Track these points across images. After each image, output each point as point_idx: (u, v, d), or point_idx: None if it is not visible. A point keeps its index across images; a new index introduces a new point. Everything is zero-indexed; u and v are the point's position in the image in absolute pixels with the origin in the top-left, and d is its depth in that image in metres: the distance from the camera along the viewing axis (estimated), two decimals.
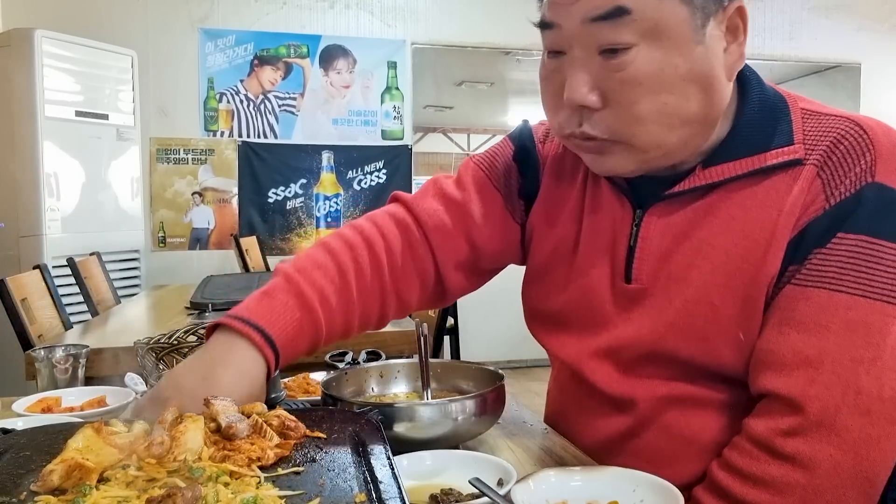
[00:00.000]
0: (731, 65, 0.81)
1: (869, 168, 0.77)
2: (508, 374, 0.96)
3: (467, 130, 5.55)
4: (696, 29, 0.77)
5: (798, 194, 0.79)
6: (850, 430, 0.75)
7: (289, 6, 4.71)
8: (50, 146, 3.58)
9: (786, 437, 0.77)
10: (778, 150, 0.82)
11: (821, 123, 0.82)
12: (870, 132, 0.79)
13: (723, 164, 0.83)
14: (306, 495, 0.58)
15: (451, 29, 4.88)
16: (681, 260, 0.85)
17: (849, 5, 5.39)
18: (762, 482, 0.77)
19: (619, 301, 0.91)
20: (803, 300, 0.78)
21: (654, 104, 0.78)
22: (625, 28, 0.75)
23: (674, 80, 0.77)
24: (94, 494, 0.57)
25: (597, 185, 0.96)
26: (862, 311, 0.76)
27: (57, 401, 1.06)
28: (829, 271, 0.77)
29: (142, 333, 1.23)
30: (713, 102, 0.80)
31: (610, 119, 0.80)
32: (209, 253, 4.68)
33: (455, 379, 0.99)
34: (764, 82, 0.87)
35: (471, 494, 0.67)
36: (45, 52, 3.56)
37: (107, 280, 2.93)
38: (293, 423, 0.70)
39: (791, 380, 0.77)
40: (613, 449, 0.92)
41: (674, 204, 0.87)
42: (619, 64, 0.77)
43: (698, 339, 0.84)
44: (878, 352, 0.76)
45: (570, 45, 0.79)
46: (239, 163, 4.67)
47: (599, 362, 0.92)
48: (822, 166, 0.79)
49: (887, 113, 5.52)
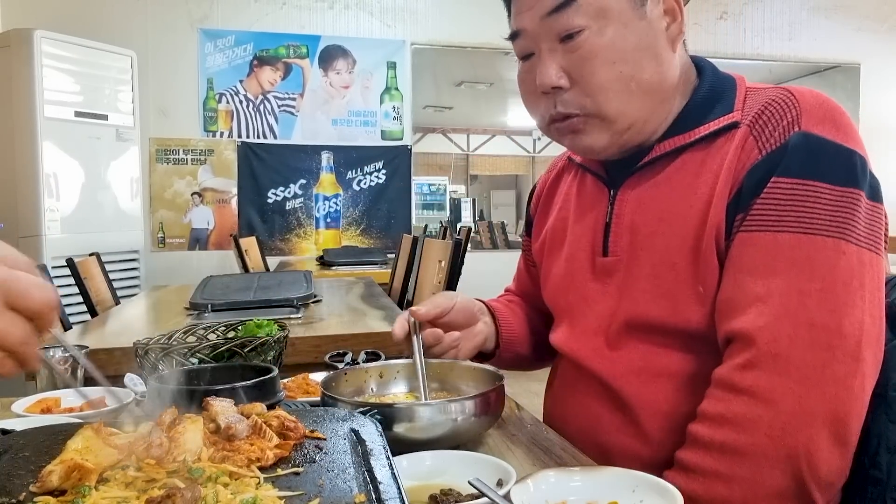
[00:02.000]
0: (673, 38, 0.93)
1: (795, 120, 0.84)
2: (508, 375, 0.96)
3: (467, 131, 5.55)
4: (636, 7, 0.90)
5: (734, 151, 0.88)
6: (810, 366, 0.77)
7: (288, 6, 4.71)
8: (49, 146, 3.58)
9: (742, 371, 0.80)
10: (719, 119, 0.91)
11: (758, 94, 0.91)
12: (796, 93, 0.87)
13: (675, 136, 0.94)
14: (306, 496, 0.58)
15: (451, 29, 4.89)
16: (647, 230, 0.94)
17: (848, 6, 5.39)
18: (726, 420, 0.80)
19: (598, 275, 0.99)
20: (751, 245, 0.84)
21: (611, 73, 0.90)
22: (575, 14, 0.89)
23: (625, 50, 0.89)
24: (93, 495, 0.57)
25: (583, 180, 1.08)
26: (805, 247, 0.80)
27: (56, 401, 1.05)
28: (770, 215, 0.83)
29: (141, 334, 1.23)
30: (663, 70, 0.92)
31: (578, 95, 0.92)
32: (209, 253, 4.68)
33: (455, 379, 0.99)
34: (718, 70, 0.98)
35: (470, 495, 0.67)
36: (45, 52, 3.56)
37: (106, 280, 2.92)
38: (293, 423, 0.70)
39: (745, 317, 0.82)
40: (602, 428, 0.96)
41: (640, 179, 0.97)
42: (576, 45, 0.90)
43: (665, 298, 0.90)
44: (826, 284, 0.79)
45: (536, 43, 0.93)
46: (238, 163, 4.68)
47: (587, 340, 0.99)
48: (754, 125, 0.87)
49: (887, 113, 5.53)
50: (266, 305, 2.05)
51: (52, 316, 0.59)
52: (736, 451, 0.79)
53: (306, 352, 1.61)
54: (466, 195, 5.67)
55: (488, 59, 5.03)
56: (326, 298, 2.34)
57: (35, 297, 0.57)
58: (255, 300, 2.08)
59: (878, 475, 0.82)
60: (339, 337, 1.67)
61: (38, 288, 0.58)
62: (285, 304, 2.05)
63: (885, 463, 0.83)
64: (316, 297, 2.26)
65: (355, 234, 4.93)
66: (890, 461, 0.83)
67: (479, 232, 5.46)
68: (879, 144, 4.33)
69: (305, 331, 1.74)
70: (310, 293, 2.20)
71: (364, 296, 2.50)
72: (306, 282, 2.33)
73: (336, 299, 2.39)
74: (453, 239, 2.87)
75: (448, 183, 5.48)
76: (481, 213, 5.80)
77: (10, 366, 0.57)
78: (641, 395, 0.92)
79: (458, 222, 5.43)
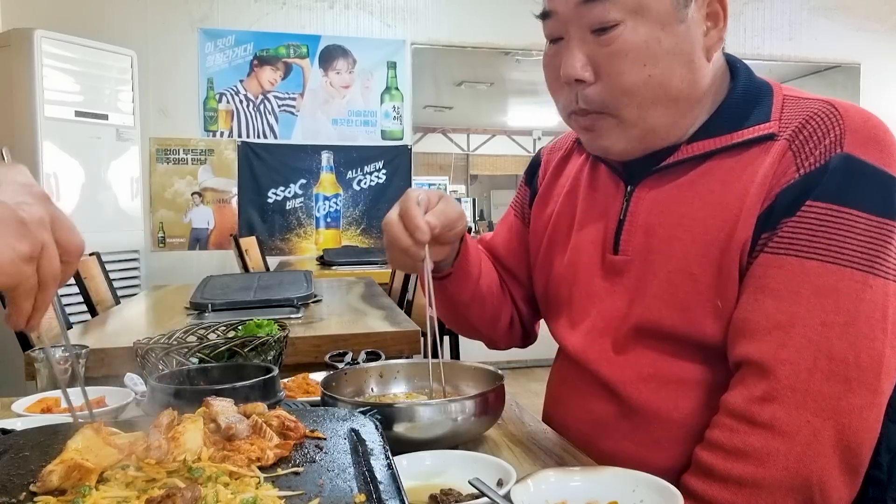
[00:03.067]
0: (710, 47, 0.88)
1: (838, 140, 0.80)
2: (508, 374, 0.96)
3: (467, 130, 5.56)
4: (679, 8, 0.85)
5: (770, 165, 0.83)
6: (826, 397, 0.76)
7: (288, 6, 4.71)
8: (50, 146, 3.57)
9: (761, 403, 0.78)
10: (754, 127, 0.87)
11: (798, 105, 0.87)
12: (841, 109, 0.82)
13: (704, 140, 0.89)
14: (306, 495, 0.58)
15: (451, 29, 4.88)
16: (664, 233, 0.90)
17: (849, 5, 5.39)
18: (744, 454, 0.78)
19: (606, 273, 0.96)
20: (776, 267, 0.81)
21: (639, 75, 0.85)
22: (612, 7, 0.84)
23: (658, 53, 0.85)
24: (93, 495, 0.57)
25: (596, 169, 1.03)
26: (832, 277, 0.78)
27: (56, 401, 1.05)
28: (800, 239, 0.80)
29: (142, 334, 1.23)
30: (694, 80, 0.87)
31: (601, 91, 0.87)
32: (209, 253, 4.68)
33: (455, 379, 0.99)
34: (753, 73, 0.93)
35: (470, 494, 0.67)
36: (45, 52, 3.55)
37: (106, 280, 2.92)
38: (293, 423, 0.70)
39: (763, 345, 0.79)
40: (605, 433, 0.94)
41: (661, 180, 0.93)
42: (608, 39, 0.85)
43: (680, 308, 0.87)
44: (850, 318, 0.77)
45: (567, 28, 0.88)
46: (239, 163, 4.67)
47: (592, 340, 0.96)
48: (794, 139, 0.83)
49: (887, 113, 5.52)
50: (266, 305, 2.05)
51: (76, 263, 0.62)
52: (753, 485, 0.77)
53: (306, 352, 1.61)
54: (467, 195, 5.68)
55: (488, 59, 5.02)
56: (326, 298, 2.34)
57: (76, 236, 0.61)
58: (255, 300, 2.08)
59: (879, 475, 0.82)
60: (339, 337, 1.67)
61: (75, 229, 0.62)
62: (285, 303, 2.05)
63: (886, 463, 0.83)
64: (316, 296, 2.26)
65: (355, 233, 4.93)
66: (890, 461, 0.83)
67: (480, 231, 5.47)
68: None
69: (305, 331, 1.74)
70: (310, 293, 2.20)
71: (364, 296, 2.50)
72: (306, 282, 2.33)
73: (336, 299, 2.39)
74: None
75: (448, 183, 5.48)
76: (481, 213, 5.81)
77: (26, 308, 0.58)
78: (651, 403, 0.90)
79: None
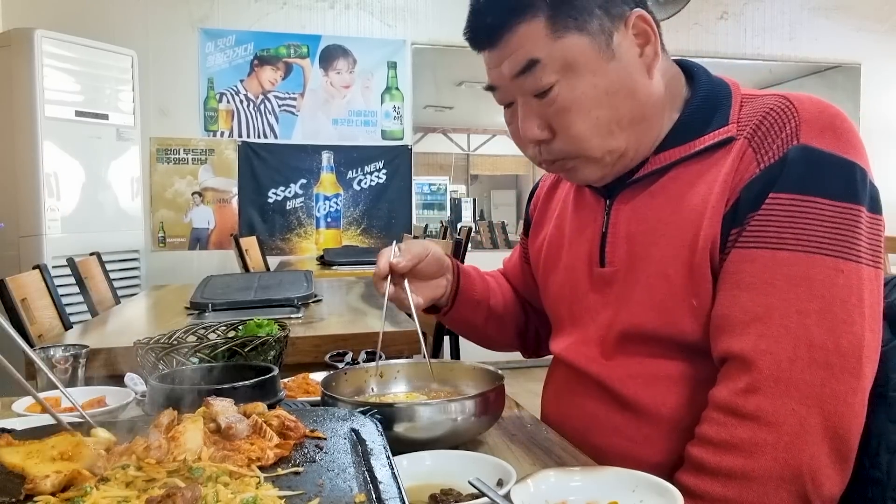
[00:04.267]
0: (648, 64, 0.90)
1: (794, 132, 0.82)
2: (508, 375, 0.96)
3: (467, 130, 5.55)
4: (602, 49, 0.87)
5: (731, 164, 0.86)
6: (809, 385, 0.77)
7: (289, 6, 4.71)
8: (50, 146, 3.57)
9: (745, 395, 0.79)
10: (714, 133, 0.89)
11: (755, 103, 0.88)
12: (795, 101, 0.84)
13: (670, 149, 0.92)
14: (306, 495, 0.58)
15: (451, 29, 4.88)
16: (642, 240, 0.93)
17: (849, 6, 5.39)
18: (732, 446, 0.79)
19: (596, 285, 0.99)
20: (748, 261, 0.82)
21: (588, 121, 0.88)
22: (542, 73, 0.87)
23: (597, 97, 0.88)
24: (93, 494, 0.57)
25: (581, 190, 1.07)
26: (803, 265, 0.79)
27: (57, 401, 1.05)
28: (769, 232, 0.81)
29: (142, 333, 1.23)
30: (642, 102, 0.90)
31: (560, 144, 0.91)
32: (209, 253, 4.68)
33: (455, 379, 1.00)
34: (711, 74, 0.96)
35: (470, 494, 0.67)
36: (45, 52, 3.55)
37: (107, 280, 2.92)
38: (293, 423, 0.70)
39: (743, 338, 0.81)
40: (597, 430, 0.96)
41: (636, 190, 0.96)
42: (550, 100, 0.89)
43: (659, 310, 0.89)
44: (825, 304, 0.78)
45: (512, 96, 0.93)
46: (239, 163, 4.67)
47: (586, 348, 0.99)
48: (752, 136, 0.85)
49: (887, 113, 5.52)
50: (266, 305, 2.05)
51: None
52: (744, 477, 0.78)
53: (306, 351, 1.61)
54: (467, 195, 5.67)
55: None
56: (327, 298, 2.34)
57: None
58: (255, 300, 2.08)
59: (878, 475, 0.82)
60: (339, 337, 1.67)
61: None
62: (286, 303, 2.05)
63: (885, 463, 0.83)
64: (316, 296, 2.26)
65: (356, 233, 4.93)
66: (890, 461, 0.83)
67: (480, 232, 5.46)
68: (879, 144, 4.33)
69: (306, 330, 1.74)
70: (310, 293, 2.20)
71: (364, 295, 2.50)
72: (306, 281, 2.33)
73: (336, 299, 2.39)
74: (454, 239, 2.87)
75: (448, 183, 5.48)
76: (482, 213, 5.80)
77: None
78: (640, 399, 0.91)
79: (459, 222, 5.43)
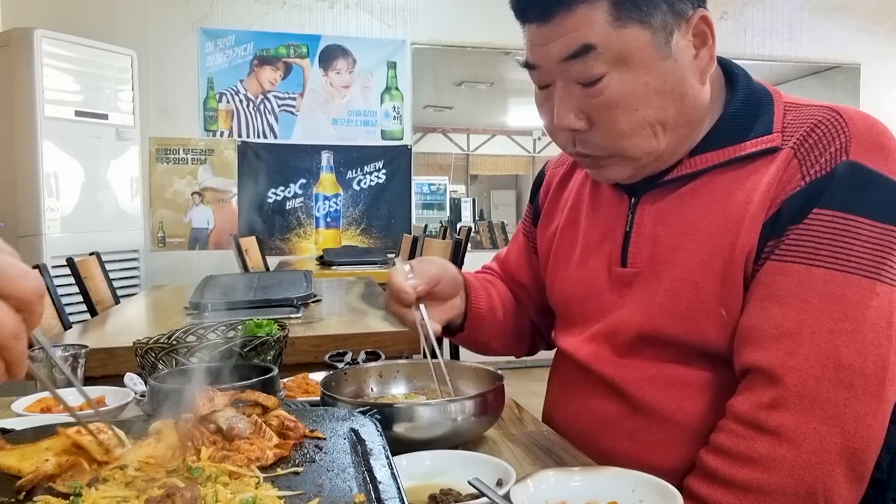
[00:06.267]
0: (702, 69, 0.87)
1: (843, 147, 0.80)
2: (508, 375, 0.96)
3: (467, 130, 5.55)
4: (661, 46, 0.83)
5: (774, 174, 0.83)
6: (833, 404, 0.76)
7: (288, 6, 4.71)
8: (49, 146, 3.57)
9: (769, 410, 0.78)
10: (756, 140, 0.86)
11: (801, 113, 0.86)
12: (845, 116, 0.82)
13: (706, 153, 0.89)
14: (305, 495, 0.58)
15: (451, 29, 4.88)
16: (668, 243, 0.90)
17: (848, 6, 5.39)
18: (750, 460, 0.78)
19: (615, 286, 0.95)
20: (782, 275, 0.81)
21: (632, 120, 0.84)
22: (594, 61, 0.82)
23: (647, 96, 0.84)
24: (93, 494, 0.57)
25: (598, 183, 1.03)
26: (839, 284, 0.78)
27: (56, 401, 1.05)
28: (807, 246, 0.79)
29: (141, 333, 1.23)
30: (689, 107, 0.86)
31: (598, 138, 0.87)
32: (209, 253, 4.67)
33: (455, 379, 0.99)
34: (752, 79, 0.93)
35: (470, 494, 0.67)
36: (45, 51, 3.55)
37: (106, 280, 2.92)
38: (292, 423, 0.70)
39: (771, 352, 0.79)
40: (606, 432, 0.94)
41: (664, 191, 0.92)
42: (596, 91, 0.84)
43: (683, 317, 0.87)
44: (857, 325, 0.77)
45: (553, 79, 0.87)
46: (238, 163, 4.67)
47: (596, 346, 0.96)
48: (799, 147, 0.83)
49: (887, 114, 5.52)
50: (266, 305, 2.04)
51: (41, 307, 0.51)
52: (759, 491, 0.77)
53: (306, 351, 1.61)
54: (466, 195, 5.67)
55: (488, 59, 5.02)
56: (326, 298, 2.34)
57: (25, 283, 0.50)
58: (255, 300, 2.07)
59: (878, 475, 0.82)
60: (339, 337, 1.67)
61: (26, 274, 0.50)
62: (285, 303, 2.05)
63: (885, 463, 0.83)
64: (316, 296, 2.26)
65: (355, 233, 4.93)
66: (890, 461, 0.83)
67: (480, 232, 5.46)
68: None
69: (305, 330, 1.74)
70: (310, 293, 2.20)
71: (364, 295, 2.50)
72: (306, 281, 2.33)
73: (336, 299, 2.39)
74: (453, 239, 2.87)
75: (448, 183, 5.48)
76: (481, 213, 5.80)
77: None
78: (656, 403, 0.90)
79: (458, 222, 5.43)
